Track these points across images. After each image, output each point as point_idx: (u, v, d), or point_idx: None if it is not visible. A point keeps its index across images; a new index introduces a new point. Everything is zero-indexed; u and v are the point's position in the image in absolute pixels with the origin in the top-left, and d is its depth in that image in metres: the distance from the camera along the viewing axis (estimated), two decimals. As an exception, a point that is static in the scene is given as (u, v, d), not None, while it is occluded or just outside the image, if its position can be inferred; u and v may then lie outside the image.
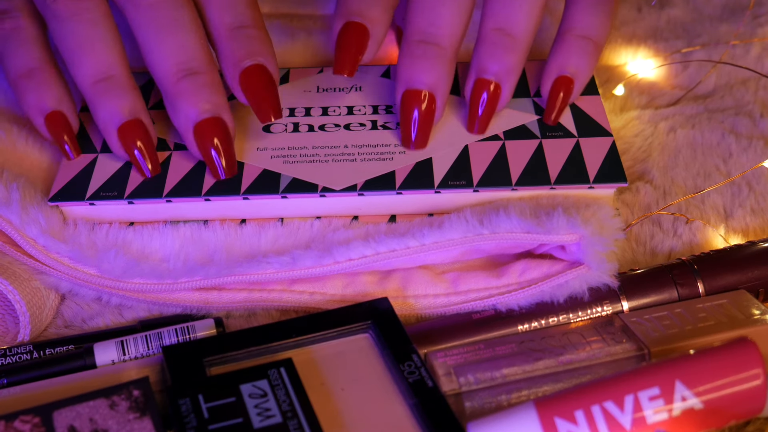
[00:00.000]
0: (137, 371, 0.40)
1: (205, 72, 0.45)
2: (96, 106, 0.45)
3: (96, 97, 0.45)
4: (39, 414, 0.36)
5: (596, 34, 0.48)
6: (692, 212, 0.49)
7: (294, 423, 0.36)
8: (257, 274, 0.43)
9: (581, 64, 0.48)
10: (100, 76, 0.45)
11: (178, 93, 0.44)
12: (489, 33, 0.46)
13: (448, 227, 0.43)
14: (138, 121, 0.45)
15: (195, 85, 0.44)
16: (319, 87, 0.52)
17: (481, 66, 0.46)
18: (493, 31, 0.46)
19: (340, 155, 0.47)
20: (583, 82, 0.48)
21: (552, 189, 0.46)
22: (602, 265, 0.42)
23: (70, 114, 0.47)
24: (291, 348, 0.41)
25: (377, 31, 0.47)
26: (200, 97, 0.44)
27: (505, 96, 0.47)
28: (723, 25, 0.61)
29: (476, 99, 0.47)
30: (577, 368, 0.40)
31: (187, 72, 0.45)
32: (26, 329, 0.44)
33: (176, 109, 0.45)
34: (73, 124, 0.47)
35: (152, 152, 0.46)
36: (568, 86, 0.48)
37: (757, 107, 0.55)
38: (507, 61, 0.46)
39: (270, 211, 0.47)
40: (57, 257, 0.44)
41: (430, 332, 0.43)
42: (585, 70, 0.48)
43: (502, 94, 0.47)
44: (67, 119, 0.47)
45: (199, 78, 0.45)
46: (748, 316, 0.42)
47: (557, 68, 0.48)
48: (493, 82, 0.46)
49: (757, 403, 0.36)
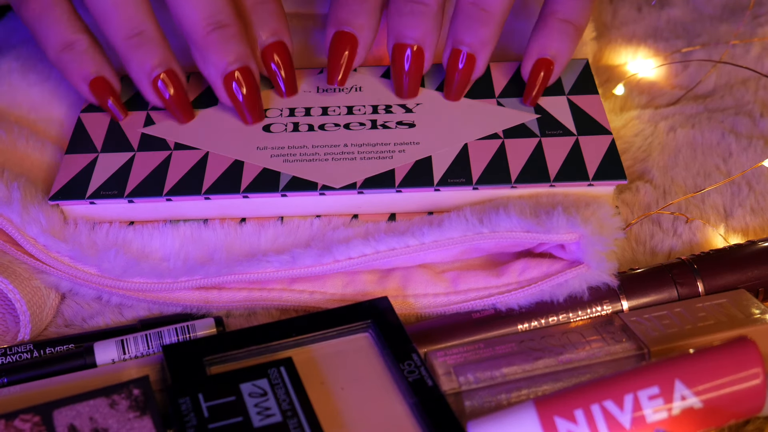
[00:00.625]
0: (137, 370, 0.40)
1: (233, 24, 0.47)
2: (130, 61, 0.47)
3: (129, 51, 0.47)
4: (39, 413, 0.36)
5: (577, 17, 0.49)
6: (692, 212, 0.49)
7: (294, 422, 0.36)
8: (257, 273, 0.43)
9: (562, 47, 0.49)
10: (132, 32, 0.47)
11: (208, 45, 0.47)
12: (465, 6, 0.48)
13: (448, 226, 0.43)
14: (171, 71, 0.48)
15: (224, 36, 0.47)
16: (319, 87, 0.52)
17: (457, 37, 0.49)
18: (469, 5, 0.48)
19: (339, 154, 0.47)
20: (562, 65, 0.50)
21: (551, 186, 0.46)
22: (602, 265, 0.42)
23: (111, 78, 0.49)
24: (291, 347, 0.41)
25: (365, 36, 0.50)
26: (229, 49, 0.47)
27: (480, 67, 0.49)
28: (723, 25, 0.61)
29: (452, 69, 0.49)
30: (577, 367, 0.40)
31: (216, 25, 0.47)
32: (26, 328, 0.44)
33: (206, 61, 0.47)
34: (116, 87, 0.50)
35: (186, 100, 0.49)
36: (548, 68, 0.49)
37: (757, 107, 0.55)
38: (481, 33, 0.48)
39: (270, 209, 0.47)
40: (57, 256, 0.44)
41: (430, 331, 0.43)
42: (565, 53, 0.49)
43: (477, 65, 0.49)
44: (109, 83, 0.49)
45: (228, 30, 0.47)
46: (748, 316, 0.42)
47: (538, 50, 0.49)
48: (468, 53, 0.48)
49: (757, 402, 0.36)
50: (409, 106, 0.50)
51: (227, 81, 0.48)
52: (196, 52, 0.48)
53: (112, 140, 0.49)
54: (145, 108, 0.51)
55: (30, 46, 0.55)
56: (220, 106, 0.51)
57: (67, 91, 0.54)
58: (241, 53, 0.47)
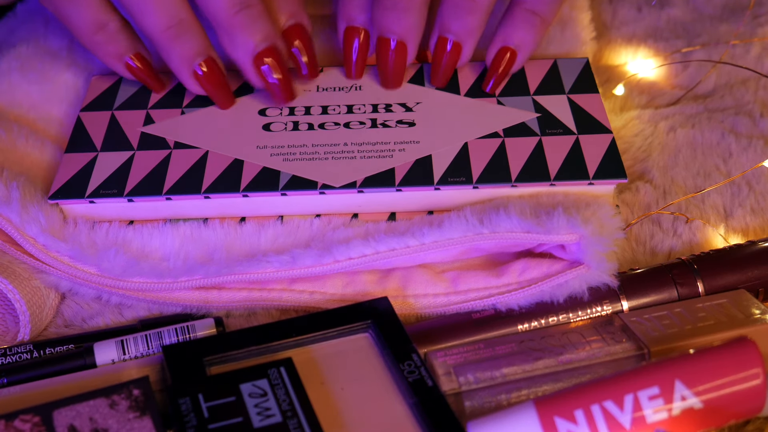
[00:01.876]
0: (137, 371, 0.40)
1: (257, 3, 0.48)
2: (169, 51, 0.48)
3: (168, 42, 0.48)
4: (39, 413, 0.36)
5: (544, 9, 0.50)
6: (692, 212, 0.49)
7: (294, 422, 0.36)
8: (257, 273, 0.43)
9: (526, 37, 0.50)
10: (169, 23, 0.47)
11: (236, 25, 0.47)
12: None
13: (448, 226, 0.43)
14: (210, 59, 0.48)
15: (250, 17, 0.47)
16: (318, 86, 0.52)
17: (444, 26, 0.49)
18: None
19: (339, 153, 0.47)
20: (526, 55, 0.50)
21: (552, 185, 0.46)
22: (602, 265, 0.42)
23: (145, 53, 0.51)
24: (291, 347, 0.41)
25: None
26: (256, 28, 0.47)
27: (466, 54, 0.50)
28: (723, 25, 0.61)
29: (439, 56, 0.50)
30: (577, 368, 0.40)
31: (242, 5, 0.47)
32: (26, 328, 0.44)
33: (234, 42, 0.48)
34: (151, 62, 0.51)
35: (226, 86, 0.50)
36: (511, 57, 0.50)
37: (757, 107, 0.55)
38: (468, 22, 0.49)
39: (270, 208, 0.47)
40: (57, 256, 0.44)
41: (430, 332, 0.43)
42: (529, 44, 0.50)
43: (463, 52, 0.50)
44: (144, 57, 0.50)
45: (253, 10, 0.48)
46: (748, 316, 0.42)
47: (502, 39, 0.50)
48: (454, 40, 0.49)
49: (757, 403, 0.36)
50: (409, 104, 0.50)
51: (257, 61, 0.48)
52: (224, 35, 0.48)
53: (111, 139, 0.49)
54: (145, 107, 0.51)
55: (30, 46, 0.55)
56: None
57: (66, 90, 0.53)
58: (269, 32, 0.48)
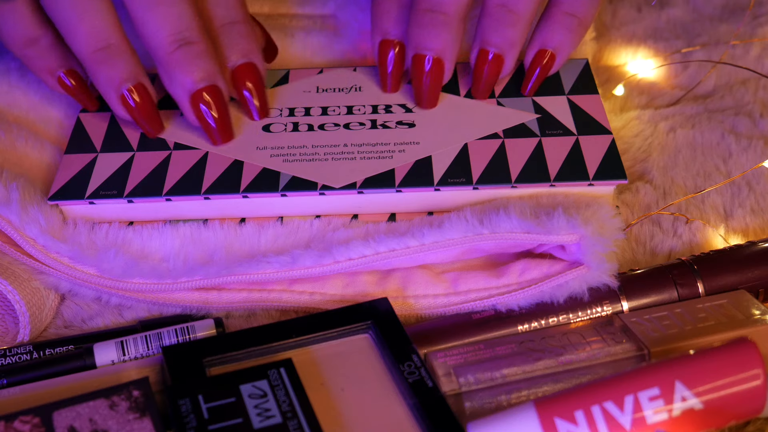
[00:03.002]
0: (137, 371, 0.40)
1: (199, 41, 0.46)
2: (96, 74, 0.46)
3: (96, 65, 0.46)
4: (39, 414, 0.36)
5: (582, 11, 0.49)
6: (692, 212, 0.49)
7: (294, 423, 0.36)
8: (257, 273, 0.43)
9: (564, 40, 0.49)
10: (98, 45, 0.46)
11: (174, 63, 0.46)
12: (493, 8, 0.48)
13: (448, 227, 0.43)
14: (140, 85, 0.47)
15: (190, 54, 0.46)
16: (318, 87, 0.52)
17: (485, 39, 0.49)
18: (497, 7, 0.48)
19: (339, 154, 0.47)
20: (564, 58, 0.50)
21: (552, 186, 0.46)
22: (602, 265, 0.42)
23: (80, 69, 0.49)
24: (291, 348, 0.41)
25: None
26: (196, 66, 0.46)
27: (508, 67, 0.49)
28: (723, 25, 0.61)
29: (480, 69, 0.49)
30: (577, 368, 0.40)
31: (182, 42, 0.46)
32: (26, 329, 0.44)
33: (172, 79, 0.46)
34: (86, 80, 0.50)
35: (155, 114, 0.48)
36: (549, 60, 0.50)
37: (757, 107, 0.55)
38: (509, 34, 0.48)
39: (269, 209, 0.47)
40: (57, 257, 0.44)
41: (430, 332, 0.43)
42: (567, 47, 0.50)
43: (505, 65, 0.49)
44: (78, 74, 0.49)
45: (194, 47, 0.46)
46: (748, 316, 0.42)
47: (540, 42, 0.50)
48: (495, 52, 0.48)
49: (757, 404, 0.36)
50: (409, 105, 0.50)
51: (194, 100, 0.46)
52: (162, 71, 0.47)
53: (111, 140, 0.49)
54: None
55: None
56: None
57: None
58: (209, 71, 0.46)
